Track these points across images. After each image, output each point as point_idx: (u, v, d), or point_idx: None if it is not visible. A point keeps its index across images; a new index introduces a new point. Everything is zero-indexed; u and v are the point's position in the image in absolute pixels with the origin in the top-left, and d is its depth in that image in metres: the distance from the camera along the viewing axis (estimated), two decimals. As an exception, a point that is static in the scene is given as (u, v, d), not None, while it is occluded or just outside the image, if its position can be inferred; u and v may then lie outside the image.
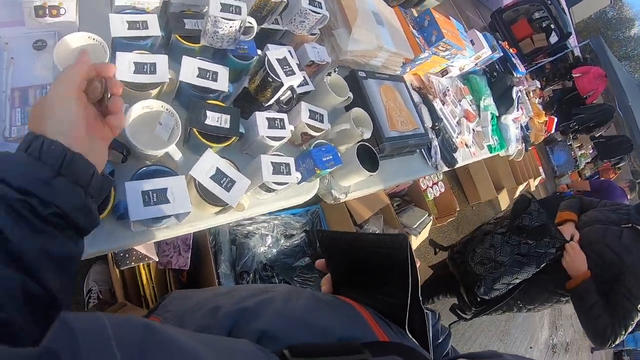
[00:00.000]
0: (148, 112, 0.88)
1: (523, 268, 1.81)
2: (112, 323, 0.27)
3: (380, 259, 0.50)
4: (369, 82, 1.47)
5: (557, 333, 6.10)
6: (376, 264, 0.52)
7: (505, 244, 1.86)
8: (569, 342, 6.52)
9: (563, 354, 6.17)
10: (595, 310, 1.64)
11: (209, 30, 0.99)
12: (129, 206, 0.73)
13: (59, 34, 0.89)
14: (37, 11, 0.87)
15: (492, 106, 2.68)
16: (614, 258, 1.65)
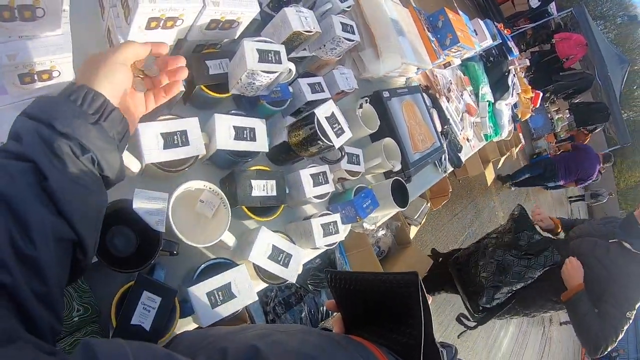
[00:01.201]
0: (187, 191, 0.78)
1: (522, 279, 1.92)
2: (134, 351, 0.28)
3: (392, 298, 0.49)
4: (393, 103, 1.39)
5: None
6: (388, 303, 0.50)
7: (507, 257, 1.97)
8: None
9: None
10: (588, 320, 1.75)
11: (242, 80, 0.87)
12: (198, 312, 0.67)
13: None
14: (22, 78, 0.69)
15: (488, 94, 2.65)
16: (602, 272, 1.77)
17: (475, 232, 4.89)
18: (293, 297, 1.88)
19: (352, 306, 0.57)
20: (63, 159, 0.44)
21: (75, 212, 0.44)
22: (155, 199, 0.71)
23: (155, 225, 0.70)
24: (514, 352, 5.33)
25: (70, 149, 0.45)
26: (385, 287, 0.50)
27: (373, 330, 0.53)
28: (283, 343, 0.46)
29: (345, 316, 0.59)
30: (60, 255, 0.43)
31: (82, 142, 0.46)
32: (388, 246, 2.66)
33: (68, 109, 0.47)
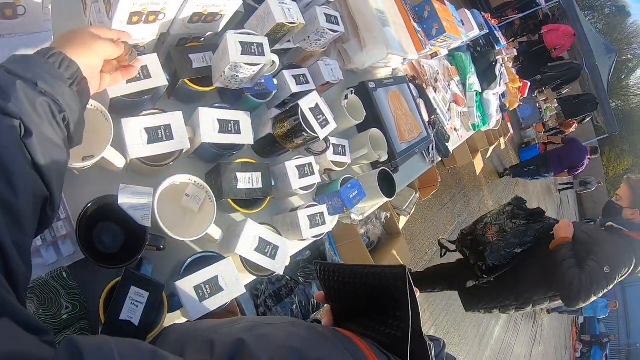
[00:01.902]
0: (172, 185, 0.78)
1: (522, 239, 2.18)
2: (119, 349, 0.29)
3: (380, 291, 0.50)
4: (379, 93, 1.40)
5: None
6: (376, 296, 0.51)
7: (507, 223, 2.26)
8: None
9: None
10: (567, 264, 1.91)
11: (226, 73, 0.87)
12: (186, 306, 0.67)
13: None
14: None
15: (476, 84, 2.67)
16: (588, 239, 2.00)
17: (464, 221, 4.94)
18: (284, 290, 1.89)
19: (341, 298, 0.58)
20: (43, 116, 0.47)
21: (49, 169, 0.46)
22: (140, 194, 0.71)
23: (141, 220, 0.70)
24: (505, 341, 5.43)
25: (50, 108, 0.48)
26: (373, 280, 0.50)
27: (362, 322, 0.54)
28: (269, 336, 0.47)
29: (335, 308, 0.59)
30: (34, 210, 0.45)
31: (60, 101, 0.49)
32: (377, 237, 2.69)
33: (48, 70, 0.49)
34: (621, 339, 12.88)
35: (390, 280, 0.47)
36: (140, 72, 0.78)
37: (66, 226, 0.72)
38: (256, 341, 0.45)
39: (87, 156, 0.73)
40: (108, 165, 0.76)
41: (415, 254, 3.71)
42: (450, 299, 4.20)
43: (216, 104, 0.91)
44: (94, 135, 0.73)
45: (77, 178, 0.77)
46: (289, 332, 0.48)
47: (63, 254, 0.71)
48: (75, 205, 0.72)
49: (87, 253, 0.66)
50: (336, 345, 0.46)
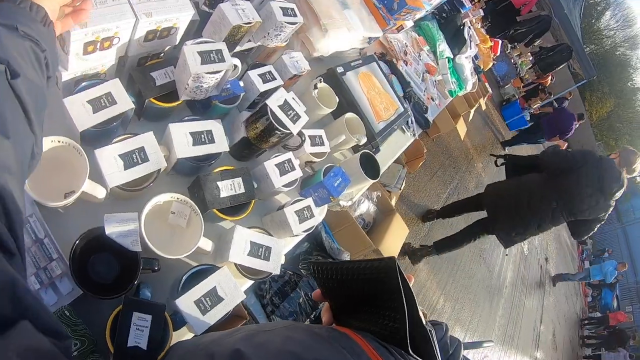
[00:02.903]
0: (156, 205, 0.78)
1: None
2: None
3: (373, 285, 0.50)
4: (348, 77, 1.40)
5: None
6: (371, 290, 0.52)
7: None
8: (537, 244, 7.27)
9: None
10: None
11: (190, 85, 0.87)
12: (190, 322, 0.68)
13: None
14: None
15: (446, 50, 2.67)
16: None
17: (457, 186, 5.00)
18: (288, 286, 1.91)
19: (338, 295, 0.58)
20: (26, 59, 0.48)
21: (34, 111, 0.47)
22: (126, 220, 0.72)
23: (131, 247, 0.71)
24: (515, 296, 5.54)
25: (32, 50, 0.49)
26: (365, 274, 0.51)
27: (360, 316, 0.54)
28: (266, 343, 0.48)
29: (333, 305, 0.60)
30: (24, 153, 0.46)
31: (40, 42, 0.50)
32: (372, 217, 2.71)
33: (23, 14, 0.51)
34: (629, 277, 13.19)
35: (382, 273, 0.48)
36: (104, 99, 0.78)
37: (60, 265, 0.72)
38: (253, 350, 0.46)
39: (68, 192, 0.73)
40: (90, 197, 0.76)
41: (412, 227, 3.76)
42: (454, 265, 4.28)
43: (186, 117, 0.91)
44: (71, 171, 0.74)
45: (62, 215, 0.77)
46: (286, 337, 0.48)
47: (62, 293, 0.71)
48: (65, 243, 0.72)
49: (85, 288, 0.67)
50: (333, 346, 0.46)
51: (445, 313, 3.78)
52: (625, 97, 19.17)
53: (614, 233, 14.84)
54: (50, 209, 0.75)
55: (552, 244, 8.34)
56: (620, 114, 18.68)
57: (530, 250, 6.81)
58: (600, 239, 14.54)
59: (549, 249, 8.05)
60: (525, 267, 6.28)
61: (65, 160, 0.74)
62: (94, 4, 0.72)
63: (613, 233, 14.86)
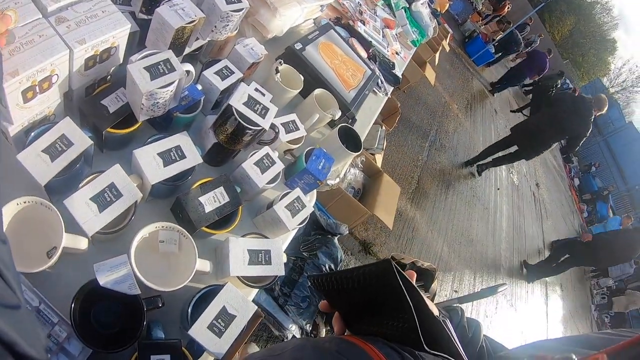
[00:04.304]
0: (143, 239, 0.75)
1: None
2: None
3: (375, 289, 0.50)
4: (308, 51, 1.34)
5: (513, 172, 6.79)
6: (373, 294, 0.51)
7: None
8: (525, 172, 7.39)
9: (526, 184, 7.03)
10: None
11: (145, 105, 0.81)
12: (208, 349, 0.66)
13: None
14: None
15: (401, 0, 2.60)
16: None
17: (437, 132, 5.01)
18: (294, 272, 1.91)
19: (343, 303, 0.58)
20: None
21: None
22: (117, 265, 0.68)
23: (129, 291, 0.67)
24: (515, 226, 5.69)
25: None
26: (364, 281, 0.50)
27: (370, 321, 0.54)
28: None
29: (342, 313, 0.59)
30: None
31: None
32: (361, 183, 2.71)
33: None
34: (619, 187, 13.60)
35: (380, 279, 0.47)
36: (59, 143, 0.73)
37: (64, 328, 0.69)
38: None
39: (49, 250, 0.68)
40: (74, 250, 0.72)
41: (402, 183, 3.78)
42: (450, 211, 4.34)
43: (150, 137, 0.86)
44: (46, 228, 0.69)
45: (52, 276, 0.73)
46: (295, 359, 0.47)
47: (74, 355, 0.68)
48: (62, 303, 0.68)
49: (93, 344, 0.64)
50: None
51: (452, 260, 3.87)
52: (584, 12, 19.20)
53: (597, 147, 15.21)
54: (37, 273, 0.71)
55: (540, 169, 8.53)
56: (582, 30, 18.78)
57: (520, 180, 6.96)
58: (586, 154, 14.90)
59: (538, 174, 8.24)
60: (518, 197, 6.44)
61: (37, 219, 0.69)
62: (20, 46, 0.65)
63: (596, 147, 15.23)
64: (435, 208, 4.10)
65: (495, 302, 4.23)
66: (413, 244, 3.42)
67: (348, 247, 2.67)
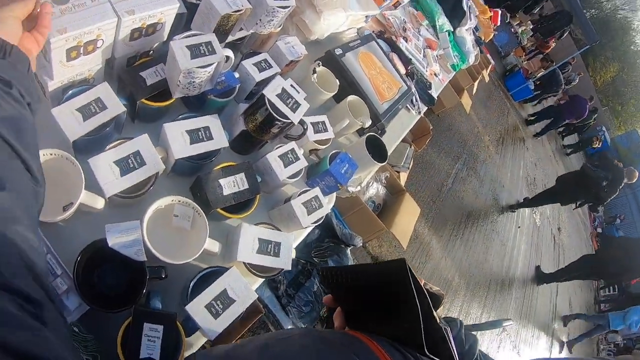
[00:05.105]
0: (158, 210, 0.75)
1: None
2: None
3: (384, 287, 0.50)
4: (348, 58, 1.35)
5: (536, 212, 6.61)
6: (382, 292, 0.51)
7: None
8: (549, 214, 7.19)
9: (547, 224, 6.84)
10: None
11: (182, 82, 0.83)
12: (201, 327, 0.66)
13: None
14: None
15: (446, 24, 2.59)
16: None
17: (466, 162, 4.93)
18: (301, 275, 1.90)
19: (349, 299, 0.58)
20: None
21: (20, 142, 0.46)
22: (128, 229, 0.69)
23: (135, 257, 0.68)
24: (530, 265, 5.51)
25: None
26: (375, 277, 0.50)
27: (373, 319, 0.54)
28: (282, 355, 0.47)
29: (345, 309, 0.59)
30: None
31: (4, 77, 0.49)
32: (382, 199, 2.68)
33: None
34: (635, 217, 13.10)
35: (392, 276, 0.47)
36: (94, 105, 0.75)
37: (65, 281, 0.70)
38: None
39: (66, 205, 0.70)
40: (89, 208, 0.73)
41: (423, 206, 3.72)
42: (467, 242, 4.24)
43: (181, 115, 0.87)
44: (67, 183, 0.71)
45: (63, 230, 0.75)
46: (300, 347, 0.48)
47: (70, 309, 0.69)
48: (68, 258, 0.70)
49: (92, 302, 0.65)
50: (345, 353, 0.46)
51: (460, 290, 3.76)
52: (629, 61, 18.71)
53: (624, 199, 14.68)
54: (50, 224, 0.73)
55: (564, 214, 8.25)
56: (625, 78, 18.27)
57: (542, 221, 6.74)
58: (612, 205, 14.37)
59: (561, 219, 7.97)
60: (538, 238, 6.23)
61: (60, 173, 0.71)
62: (72, 7, 0.68)
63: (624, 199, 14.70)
64: (452, 236, 4.01)
65: (498, 340, 4.07)
66: (425, 268, 3.35)
67: (359, 259, 2.64)
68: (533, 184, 7.07)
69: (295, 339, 0.50)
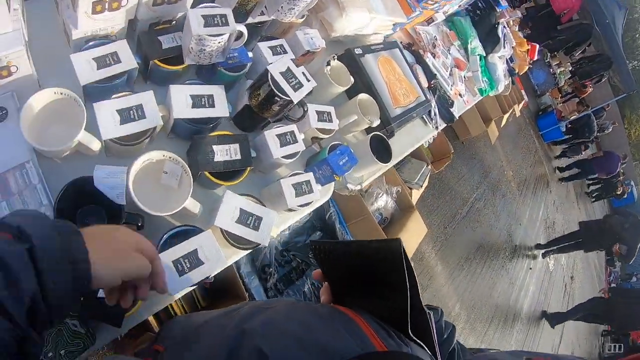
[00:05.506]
0: (149, 163, 0.78)
1: None
2: None
3: (375, 265, 0.50)
4: (367, 59, 1.36)
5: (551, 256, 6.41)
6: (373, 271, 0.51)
7: None
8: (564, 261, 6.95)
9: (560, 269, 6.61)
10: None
11: (193, 49, 0.86)
12: (164, 282, 0.67)
13: (17, 94, 0.75)
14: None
15: (479, 48, 2.57)
16: None
17: (484, 193, 4.83)
18: (294, 273, 1.89)
19: (339, 275, 0.58)
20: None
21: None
22: (115, 173, 0.72)
23: (116, 199, 0.70)
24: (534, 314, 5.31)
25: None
26: (369, 255, 0.51)
27: (361, 297, 0.54)
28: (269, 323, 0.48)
29: (333, 285, 0.60)
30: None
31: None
32: (390, 213, 2.65)
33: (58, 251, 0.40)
34: None
35: (387, 255, 0.47)
36: (109, 58, 0.79)
37: (49, 212, 0.73)
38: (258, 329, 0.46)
39: (66, 142, 0.74)
40: (86, 150, 0.77)
41: (433, 230, 3.66)
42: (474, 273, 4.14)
43: (189, 80, 0.90)
44: (70, 122, 0.75)
45: (57, 166, 0.78)
46: (288, 317, 0.49)
47: None
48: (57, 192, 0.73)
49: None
50: (335, 326, 0.46)
51: (460, 320, 3.65)
52: (667, 119, 18.12)
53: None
54: (47, 159, 0.77)
55: (579, 263, 7.95)
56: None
57: (556, 267, 6.51)
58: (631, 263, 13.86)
59: (576, 268, 7.68)
60: (549, 283, 6.00)
61: (65, 112, 0.75)
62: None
63: (643, 259, 14.11)
64: (459, 265, 3.92)
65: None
66: (425, 291, 3.28)
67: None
68: (552, 227, 6.85)
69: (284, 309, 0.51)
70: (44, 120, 0.74)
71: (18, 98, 0.75)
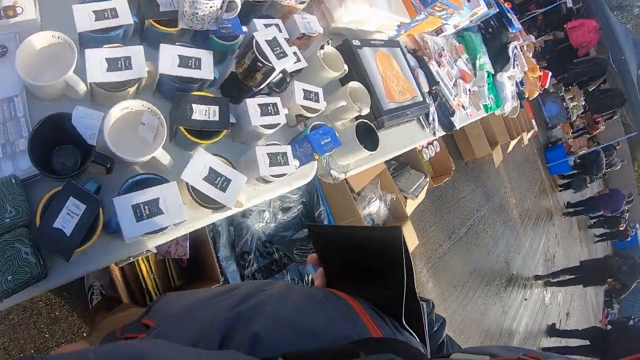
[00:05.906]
0: (129, 112, 0.80)
1: None
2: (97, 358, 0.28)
3: (375, 252, 0.50)
4: (364, 52, 1.38)
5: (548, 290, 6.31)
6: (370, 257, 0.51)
7: None
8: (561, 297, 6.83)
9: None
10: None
11: (187, 12, 0.88)
12: (120, 224, 0.68)
13: (19, 36, 0.79)
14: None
15: (487, 64, 2.59)
16: None
17: (484, 216, 4.79)
18: (275, 265, 1.88)
19: (335, 260, 0.59)
20: None
21: None
22: (92, 114, 0.75)
23: (88, 139, 0.72)
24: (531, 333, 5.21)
25: None
26: (368, 242, 0.51)
27: (355, 283, 0.54)
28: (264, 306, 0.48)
29: (328, 270, 0.60)
30: None
31: None
32: (382, 220, 2.64)
33: None
34: None
35: (388, 242, 0.48)
36: (108, 12, 0.84)
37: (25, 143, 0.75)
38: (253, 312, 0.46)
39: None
40: (73, 93, 0.79)
41: (428, 246, 3.63)
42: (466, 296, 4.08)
43: (181, 42, 0.92)
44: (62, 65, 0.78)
45: (46, 107, 0.81)
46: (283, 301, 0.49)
47: (20, 168, 0.74)
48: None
49: (35, 161, 0.68)
50: (331, 311, 0.46)
51: (446, 341, 3.59)
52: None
53: (641, 304, 13.84)
54: (36, 99, 0.80)
55: (577, 300, 7.80)
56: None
57: (552, 301, 6.39)
58: (629, 306, 13.57)
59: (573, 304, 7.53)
60: (543, 317, 5.88)
61: (60, 56, 0.79)
62: None
63: (640, 303, 13.86)
64: (451, 286, 3.87)
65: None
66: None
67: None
68: (551, 260, 6.74)
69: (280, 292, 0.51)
70: (39, 62, 0.78)
71: (20, 40, 0.79)
